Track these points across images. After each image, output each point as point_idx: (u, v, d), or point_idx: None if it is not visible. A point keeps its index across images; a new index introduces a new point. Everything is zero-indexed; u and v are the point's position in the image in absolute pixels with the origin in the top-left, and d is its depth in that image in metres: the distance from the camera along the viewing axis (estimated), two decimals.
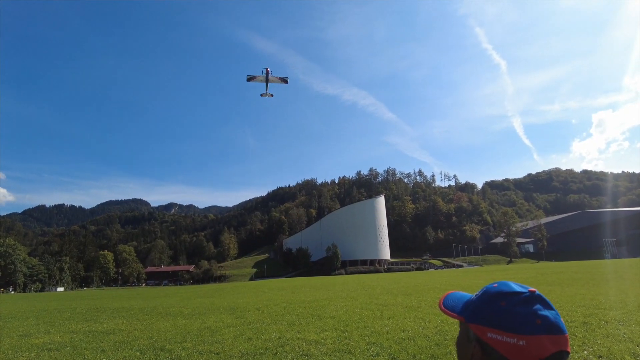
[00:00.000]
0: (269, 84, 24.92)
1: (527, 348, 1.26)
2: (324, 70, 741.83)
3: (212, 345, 10.08)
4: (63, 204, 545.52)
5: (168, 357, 8.90)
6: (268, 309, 18.69)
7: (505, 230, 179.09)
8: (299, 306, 19.12)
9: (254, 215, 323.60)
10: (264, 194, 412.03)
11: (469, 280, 39.21)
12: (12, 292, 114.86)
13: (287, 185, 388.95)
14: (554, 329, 1.29)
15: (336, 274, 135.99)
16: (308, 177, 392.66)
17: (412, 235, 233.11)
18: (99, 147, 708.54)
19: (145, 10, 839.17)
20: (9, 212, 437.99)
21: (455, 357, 1.52)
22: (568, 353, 1.30)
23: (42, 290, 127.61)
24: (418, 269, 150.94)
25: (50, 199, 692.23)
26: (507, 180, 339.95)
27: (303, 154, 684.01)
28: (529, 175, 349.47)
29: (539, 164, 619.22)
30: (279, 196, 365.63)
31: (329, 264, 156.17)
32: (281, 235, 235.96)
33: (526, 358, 1.26)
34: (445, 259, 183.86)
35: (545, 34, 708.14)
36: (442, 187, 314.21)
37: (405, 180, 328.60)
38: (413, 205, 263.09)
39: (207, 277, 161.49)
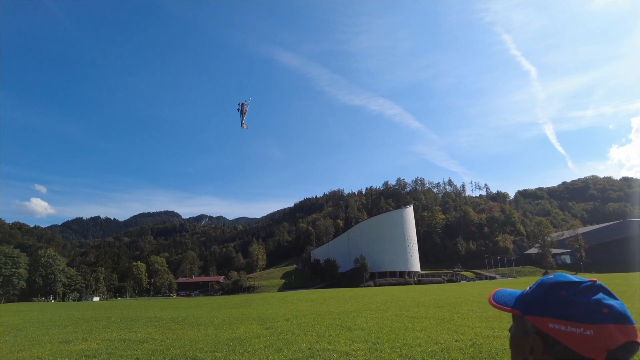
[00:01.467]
0: (245, 116, 25.29)
1: (594, 338, 1.17)
2: (349, 81, 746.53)
3: (243, 355, 10.09)
4: (98, 217, 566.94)
5: None
6: (297, 319, 18.61)
7: (539, 241, 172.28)
8: (328, 317, 18.95)
9: (281, 226, 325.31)
10: (291, 205, 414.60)
11: None
12: (52, 301, 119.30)
13: (314, 196, 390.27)
14: (622, 318, 1.20)
15: (365, 286, 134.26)
16: (335, 188, 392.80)
17: (442, 247, 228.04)
18: (132, 162, 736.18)
19: (172, 30, 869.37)
20: (49, 224, 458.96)
21: None
22: (639, 344, 1.21)
23: (79, 299, 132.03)
24: (449, 280, 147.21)
25: (86, 212, 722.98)
26: (540, 189, 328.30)
27: (329, 165, 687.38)
28: (564, 183, 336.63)
29: (574, 172, 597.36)
30: (306, 207, 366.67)
31: (358, 276, 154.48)
32: (309, 246, 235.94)
33: (594, 349, 1.18)
34: (478, 271, 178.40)
35: (576, 38, 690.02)
36: (473, 197, 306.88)
37: (435, 190, 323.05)
38: (443, 216, 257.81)
39: (236, 288, 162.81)
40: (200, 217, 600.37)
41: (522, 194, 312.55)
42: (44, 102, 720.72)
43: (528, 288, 1.42)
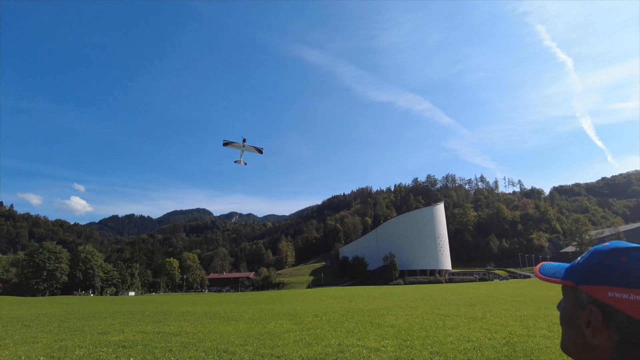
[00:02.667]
0: (244, 153, 25.15)
1: None
2: (377, 77, 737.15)
3: (273, 349, 10.21)
4: (133, 214, 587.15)
5: (231, 359, 9.13)
6: (326, 316, 18.67)
7: (577, 239, 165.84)
8: (357, 314, 18.91)
9: (309, 224, 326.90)
10: (319, 202, 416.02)
11: (539, 291, 36.72)
12: (92, 295, 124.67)
13: (342, 194, 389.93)
14: None
15: (394, 284, 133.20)
16: (363, 185, 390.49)
17: (474, 245, 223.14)
18: (165, 162, 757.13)
19: (203, 33, 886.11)
20: (88, 222, 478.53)
21: None
22: None
23: (116, 294, 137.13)
24: (481, 279, 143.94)
25: (122, 210, 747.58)
26: (577, 185, 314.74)
27: (357, 162, 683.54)
28: (603, 179, 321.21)
29: (615, 167, 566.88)
30: (334, 204, 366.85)
31: (387, 274, 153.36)
32: (337, 243, 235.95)
33: None
34: (511, 269, 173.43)
35: (615, 26, 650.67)
36: (506, 194, 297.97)
37: (466, 186, 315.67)
38: (475, 213, 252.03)
39: (266, 284, 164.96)
40: (231, 215, 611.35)
41: (558, 190, 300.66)
42: (83, 106, 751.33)
43: (579, 258, 1.32)
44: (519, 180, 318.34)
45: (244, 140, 24.02)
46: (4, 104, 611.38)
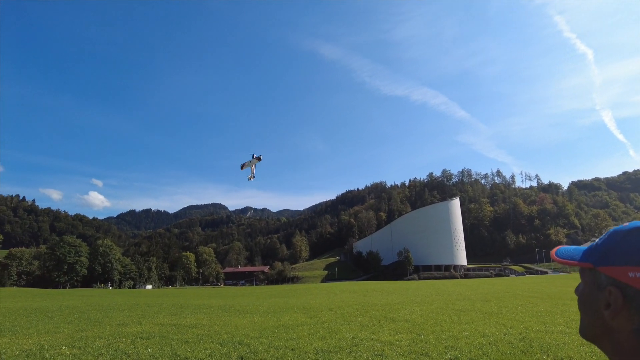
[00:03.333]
0: (254, 168, 25.57)
1: None
2: (392, 71, 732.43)
3: (288, 341, 10.31)
4: (150, 209, 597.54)
5: (246, 351, 9.25)
6: (340, 310, 18.74)
7: (596, 234, 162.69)
8: (371, 309, 18.93)
9: (323, 219, 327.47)
10: (333, 197, 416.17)
11: (557, 287, 36.18)
12: (110, 288, 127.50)
13: (356, 189, 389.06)
14: None
15: (408, 279, 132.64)
16: (377, 180, 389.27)
17: (490, 240, 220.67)
18: (180, 157, 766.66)
19: (217, 28, 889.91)
20: (106, 217, 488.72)
21: None
22: None
23: (133, 287, 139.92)
24: (497, 275, 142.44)
25: (139, 204, 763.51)
26: (597, 179, 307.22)
27: (371, 156, 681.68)
28: (625, 173, 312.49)
29: (637, 161, 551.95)
30: (348, 199, 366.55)
31: (401, 269, 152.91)
32: (351, 238, 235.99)
33: None
34: (528, 265, 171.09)
35: (637, 16, 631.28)
36: (523, 188, 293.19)
37: (482, 181, 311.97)
38: (491, 208, 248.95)
39: (280, 278, 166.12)
40: (246, 209, 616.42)
41: (577, 185, 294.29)
42: (101, 103, 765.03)
43: (597, 239, 1.27)
44: (536, 175, 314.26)
45: (254, 156, 24.52)
46: (27, 102, 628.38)
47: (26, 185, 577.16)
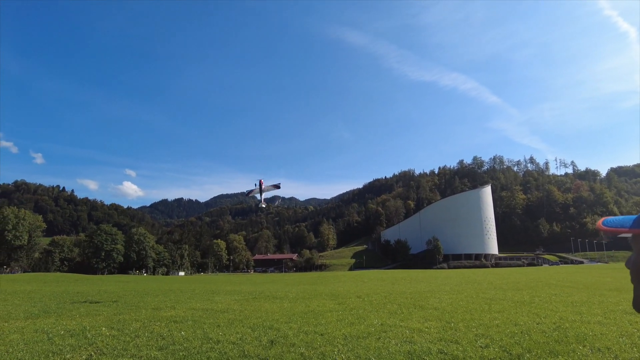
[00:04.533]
0: (263, 194, 25.69)
1: None
2: (419, 57, 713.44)
3: (316, 327, 10.43)
4: (182, 198, 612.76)
5: (276, 335, 9.42)
6: (369, 297, 18.78)
7: None
8: (399, 296, 18.88)
9: (350, 207, 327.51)
10: (360, 186, 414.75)
11: (594, 277, 34.95)
12: (145, 274, 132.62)
13: (384, 177, 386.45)
14: None
15: (438, 268, 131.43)
16: (405, 168, 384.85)
17: (522, 228, 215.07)
18: (211, 148, 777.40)
19: (244, 20, 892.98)
20: (139, 206, 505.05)
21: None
22: None
23: (167, 273, 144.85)
24: (530, 264, 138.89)
25: (171, 194, 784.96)
26: (639, 165, 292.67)
27: (399, 144, 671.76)
28: None
29: None
30: (376, 188, 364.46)
31: (430, 258, 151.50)
32: (378, 227, 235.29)
33: None
34: (562, 254, 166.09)
35: None
36: (557, 176, 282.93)
37: (515, 168, 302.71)
38: (524, 196, 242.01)
39: (309, 266, 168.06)
40: (274, 198, 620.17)
41: (617, 172, 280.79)
42: (134, 97, 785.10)
43: None
44: (572, 162, 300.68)
45: (262, 183, 24.92)
46: (65, 97, 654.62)
47: (65, 176, 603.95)
